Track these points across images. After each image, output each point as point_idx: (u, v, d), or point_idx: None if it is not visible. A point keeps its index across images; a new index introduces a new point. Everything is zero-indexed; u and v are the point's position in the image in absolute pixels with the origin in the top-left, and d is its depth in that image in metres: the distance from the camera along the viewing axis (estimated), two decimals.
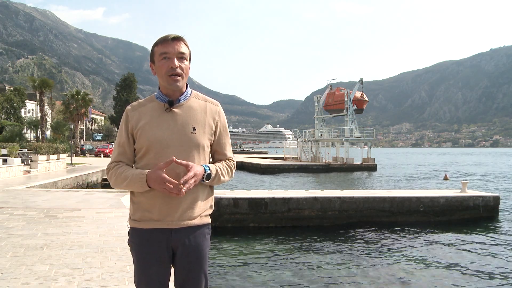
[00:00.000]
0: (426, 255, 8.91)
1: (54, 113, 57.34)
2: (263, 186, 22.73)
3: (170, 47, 1.89)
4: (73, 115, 42.72)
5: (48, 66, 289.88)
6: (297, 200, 11.48)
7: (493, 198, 12.85)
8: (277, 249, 9.15)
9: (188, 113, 1.94)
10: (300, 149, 42.22)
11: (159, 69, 1.92)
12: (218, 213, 10.72)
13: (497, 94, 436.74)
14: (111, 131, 74.42)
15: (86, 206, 8.87)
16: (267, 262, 8.16)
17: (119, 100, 69.69)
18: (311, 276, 7.34)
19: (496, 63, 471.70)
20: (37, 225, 6.59)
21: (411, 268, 7.94)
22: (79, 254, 4.81)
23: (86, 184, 18.38)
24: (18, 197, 10.24)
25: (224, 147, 2.05)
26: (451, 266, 8.10)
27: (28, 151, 21.73)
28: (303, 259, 8.40)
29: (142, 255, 1.91)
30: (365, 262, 8.25)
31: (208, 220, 2.01)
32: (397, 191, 14.02)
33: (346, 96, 39.86)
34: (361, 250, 9.21)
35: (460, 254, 9.05)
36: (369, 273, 7.59)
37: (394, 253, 9.03)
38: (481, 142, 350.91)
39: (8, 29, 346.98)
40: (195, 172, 1.82)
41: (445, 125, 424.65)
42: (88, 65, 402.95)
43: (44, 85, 35.37)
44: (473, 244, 9.91)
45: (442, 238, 10.48)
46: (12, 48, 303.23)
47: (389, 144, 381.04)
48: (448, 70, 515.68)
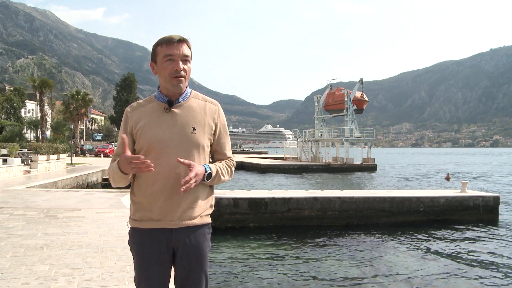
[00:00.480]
0: (426, 255, 8.91)
1: (54, 113, 57.36)
2: (263, 186, 22.73)
3: (175, 49, 1.89)
4: (73, 115, 42.71)
5: (48, 66, 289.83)
6: (297, 200, 11.47)
7: (493, 198, 12.84)
8: (277, 249, 9.15)
9: (187, 113, 1.94)
10: (300, 149, 42.22)
11: (162, 70, 1.91)
12: (218, 213, 10.72)
13: (497, 94, 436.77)
14: (111, 131, 74.42)
15: (86, 206, 8.86)
16: (267, 262, 8.15)
17: (119, 100, 69.73)
18: (311, 276, 7.34)
19: (496, 63, 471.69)
20: (37, 225, 6.59)
21: (411, 268, 7.93)
22: (79, 254, 4.81)
23: (86, 184, 18.38)
24: (18, 197, 10.23)
25: (223, 147, 2.05)
26: (451, 266, 8.10)
27: (28, 151, 21.73)
28: (303, 259, 8.40)
29: (142, 255, 1.91)
30: (365, 262, 8.25)
31: (209, 220, 2.01)
32: (397, 191, 14.03)
33: (346, 96, 39.85)
34: (361, 250, 9.21)
35: (460, 254, 9.05)
36: (369, 273, 7.59)
37: (394, 253, 9.03)
38: (481, 142, 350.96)
39: (8, 29, 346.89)
40: (196, 172, 1.82)
41: (445, 125, 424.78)
42: (88, 65, 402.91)
43: (44, 85, 35.37)
44: (473, 244, 9.91)
45: (442, 238, 10.48)
46: (12, 48, 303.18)
47: (389, 144, 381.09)
48: (448, 70, 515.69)
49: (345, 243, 9.76)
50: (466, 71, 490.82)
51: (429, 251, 9.22)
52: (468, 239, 10.38)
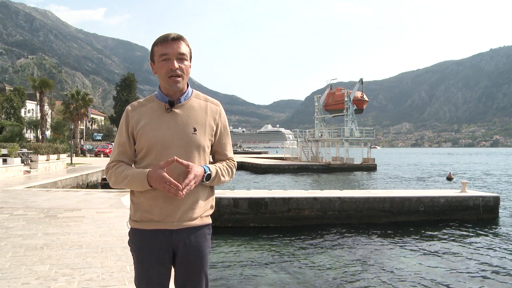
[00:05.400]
0: (426, 255, 8.91)
1: (54, 113, 57.32)
2: (263, 186, 22.72)
3: (170, 48, 1.87)
4: (73, 115, 42.72)
5: (48, 66, 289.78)
6: (297, 200, 11.47)
7: (493, 198, 12.84)
8: (277, 249, 9.15)
9: (189, 113, 1.93)
10: (300, 149, 42.19)
11: (159, 70, 1.90)
12: (218, 213, 10.71)
13: (497, 94, 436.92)
14: (111, 131, 74.39)
15: (86, 206, 8.86)
16: (267, 262, 8.15)
17: (119, 100, 69.71)
18: (311, 276, 7.34)
19: (496, 63, 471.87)
20: (37, 225, 6.58)
21: (411, 268, 7.93)
22: (79, 254, 4.81)
23: (86, 184, 18.37)
24: (18, 197, 10.23)
25: (224, 147, 2.04)
26: (451, 266, 8.09)
27: (28, 151, 21.72)
28: (303, 259, 8.39)
29: (143, 256, 1.91)
30: (365, 262, 8.25)
31: (209, 221, 2.00)
32: (397, 191, 14.02)
33: (346, 96, 39.84)
34: (361, 250, 9.21)
35: (460, 254, 9.04)
36: (369, 273, 7.59)
37: (394, 253, 9.03)
38: (481, 142, 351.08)
39: (8, 29, 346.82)
40: (195, 173, 1.81)
41: (445, 125, 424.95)
42: (88, 65, 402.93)
43: (44, 85, 35.36)
44: (473, 244, 9.91)
45: (442, 238, 10.47)
46: (12, 48, 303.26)
47: (389, 144, 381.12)
48: (448, 70, 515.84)
49: (345, 243, 9.76)
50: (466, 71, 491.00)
51: (429, 251, 9.21)
52: (468, 239, 10.37)
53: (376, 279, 7.21)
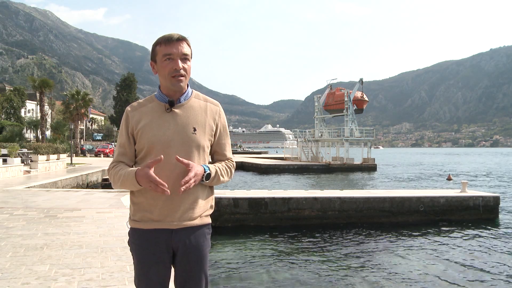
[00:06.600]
0: (426, 255, 8.91)
1: (54, 113, 57.31)
2: (263, 186, 22.72)
3: (174, 48, 1.88)
4: (73, 115, 42.70)
5: (48, 66, 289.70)
6: (297, 200, 11.47)
7: (493, 198, 12.84)
8: (277, 249, 9.15)
9: (188, 114, 1.94)
10: (300, 149, 42.19)
11: (161, 70, 1.91)
12: (218, 213, 10.72)
13: (497, 94, 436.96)
14: (111, 131, 74.40)
15: (86, 206, 8.86)
16: (267, 262, 8.15)
17: (119, 100, 69.71)
18: (311, 276, 7.34)
19: (496, 63, 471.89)
20: (37, 225, 6.58)
21: (411, 268, 7.93)
22: (79, 254, 4.81)
23: (86, 184, 18.38)
24: (18, 197, 10.23)
25: (224, 148, 2.05)
26: (451, 266, 8.09)
27: (28, 151, 21.74)
28: (303, 259, 8.40)
29: (142, 256, 1.91)
30: (365, 262, 8.25)
31: (209, 220, 2.01)
32: (397, 191, 14.01)
33: (346, 96, 39.84)
34: (361, 250, 9.21)
35: (460, 254, 9.05)
36: (369, 273, 7.59)
37: (394, 253, 9.03)
38: (481, 142, 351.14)
39: (8, 29, 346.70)
40: (196, 172, 1.82)
41: (445, 125, 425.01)
42: (88, 65, 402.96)
43: (44, 85, 35.34)
44: (473, 244, 9.91)
45: (442, 238, 10.47)
46: (12, 48, 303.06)
47: (389, 144, 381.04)
48: (448, 70, 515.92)
49: (345, 243, 9.76)
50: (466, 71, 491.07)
51: (429, 251, 9.21)
52: (468, 239, 10.38)
53: (376, 279, 7.21)
